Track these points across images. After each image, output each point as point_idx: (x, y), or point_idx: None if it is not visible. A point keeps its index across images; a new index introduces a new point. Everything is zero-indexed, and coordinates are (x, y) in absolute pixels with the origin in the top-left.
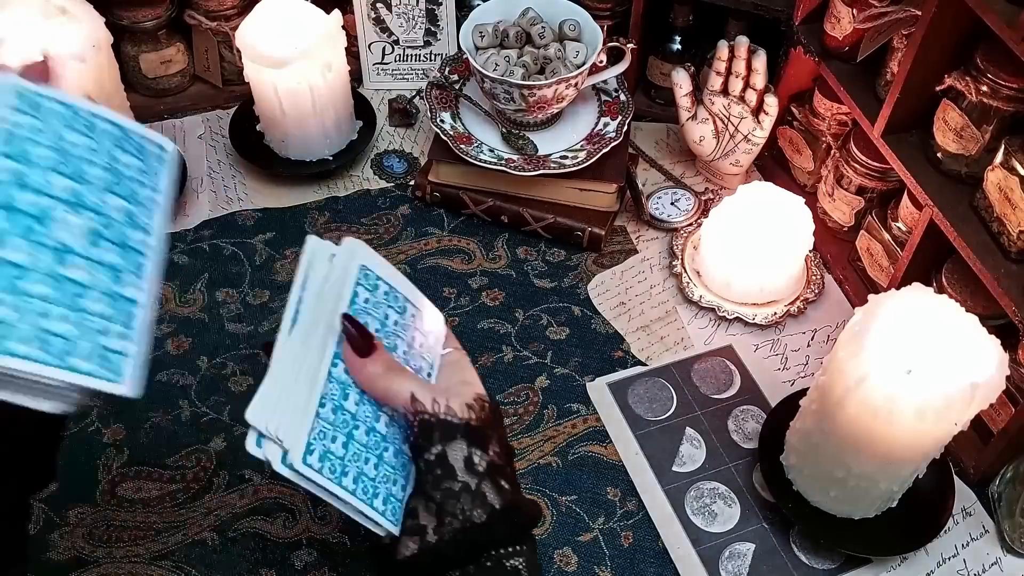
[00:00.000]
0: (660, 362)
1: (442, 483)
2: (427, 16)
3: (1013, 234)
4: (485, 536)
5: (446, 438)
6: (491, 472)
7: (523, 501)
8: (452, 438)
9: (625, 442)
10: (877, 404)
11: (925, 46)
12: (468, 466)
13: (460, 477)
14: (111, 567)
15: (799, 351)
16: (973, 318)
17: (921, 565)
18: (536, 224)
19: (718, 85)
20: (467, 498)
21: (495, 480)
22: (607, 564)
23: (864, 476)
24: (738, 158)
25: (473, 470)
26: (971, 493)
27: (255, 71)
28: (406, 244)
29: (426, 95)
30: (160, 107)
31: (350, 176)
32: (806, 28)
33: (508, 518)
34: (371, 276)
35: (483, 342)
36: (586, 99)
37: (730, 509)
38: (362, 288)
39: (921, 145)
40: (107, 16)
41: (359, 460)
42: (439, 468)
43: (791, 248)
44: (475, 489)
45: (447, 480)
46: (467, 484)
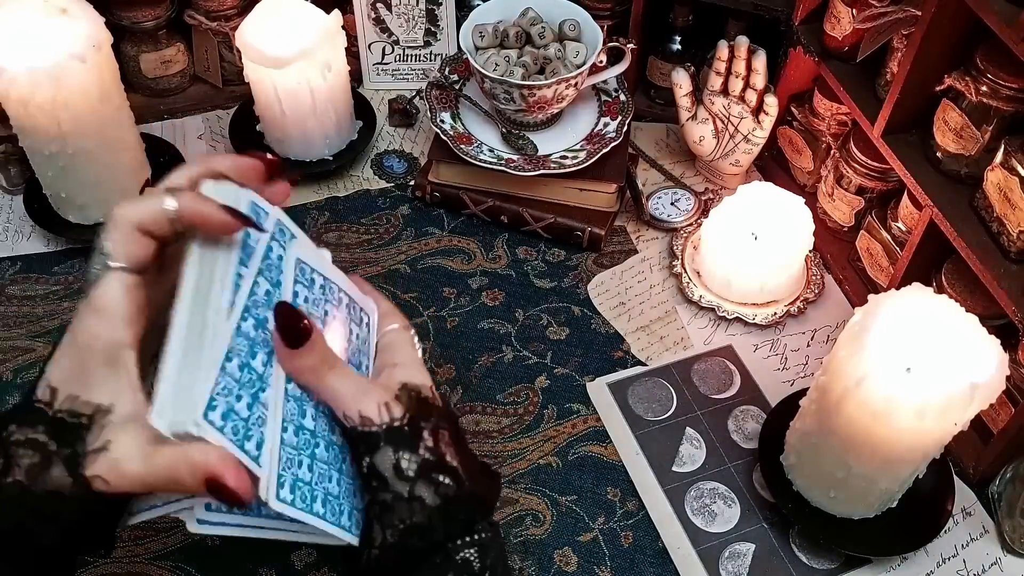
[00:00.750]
0: (660, 362)
1: (378, 494)
2: (427, 16)
3: (1013, 234)
4: (427, 537)
5: (370, 449)
6: (424, 471)
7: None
8: (376, 447)
9: (625, 442)
10: (877, 404)
11: (925, 46)
12: (398, 473)
13: (391, 487)
14: (111, 567)
15: (799, 351)
16: (973, 318)
17: (921, 565)
18: (536, 224)
19: (718, 85)
20: (403, 506)
21: (430, 478)
22: (607, 564)
23: (864, 476)
24: (738, 158)
25: (403, 476)
26: (971, 493)
27: (255, 71)
28: (406, 244)
29: (426, 95)
30: (160, 107)
31: (350, 176)
32: (806, 28)
33: (449, 514)
34: (306, 270)
35: (483, 342)
36: (586, 99)
37: (730, 509)
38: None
39: (921, 145)
40: (107, 16)
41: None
42: (373, 479)
43: (791, 248)
44: (408, 495)
45: (381, 491)
46: (399, 493)
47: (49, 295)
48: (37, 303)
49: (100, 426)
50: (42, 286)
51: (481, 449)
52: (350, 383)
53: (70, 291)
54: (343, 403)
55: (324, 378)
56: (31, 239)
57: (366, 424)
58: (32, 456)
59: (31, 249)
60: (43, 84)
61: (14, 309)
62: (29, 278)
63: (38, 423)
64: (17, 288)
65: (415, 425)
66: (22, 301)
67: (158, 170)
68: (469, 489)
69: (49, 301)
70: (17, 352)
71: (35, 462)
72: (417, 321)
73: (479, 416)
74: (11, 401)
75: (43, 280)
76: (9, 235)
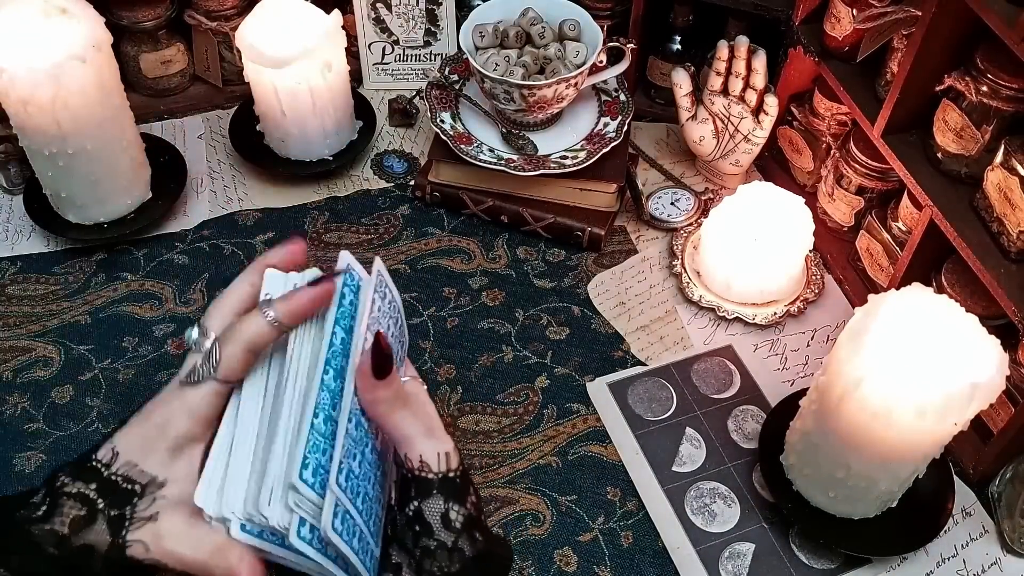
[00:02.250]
0: (660, 362)
1: (420, 540)
2: (427, 16)
3: (1013, 234)
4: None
5: (422, 494)
6: (468, 526)
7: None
8: (428, 494)
9: (625, 442)
10: (877, 404)
11: (925, 46)
12: (445, 523)
13: (437, 535)
14: None
15: (799, 351)
16: (973, 318)
17: (921, 565)
18: (536, 224)
19: (718, 85)
20: (443, 555)
21: (471, 533)
22: (607, 564)
23: (864, 476)
24: (738, 158)
25: (450, 527)
26: (971, 493)
27: (255, 71)
28: (406, 244)
29: (426, 95)
30: (160, 107)
31: (350, 176)
32: (806, 28)
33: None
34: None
35: (483, 342)
36: (586, 99)
37: (730, 509)
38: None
39: (921, 145)
40: (107, 16)
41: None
42: (417, 524)
43: (791, 248)
44: (451, 546)
45: (424, 537)
46: (443, 542)
47: (49, 295)
48: (37, 303)
49: (151, 498)
50: (42, 286)
51: (481, 449)
52: (418, 424)
53: (70, 291)
54: (407, 443)
55: (395, 413)
56: (31, 239)
57: (424, 469)
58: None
59: (31, 249)
60: (43, 84)
61: (14, 309)
62: (29, 278)
63: (92, 480)
64: (17, 288)
65: (466, 480)
66: (22, 301)
67: (158, 170)
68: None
69: (49, 301)
70: (17, 352)
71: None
72: (417, 321)
73: (479, 416)
74: (11, 400)
75: (43, 280)
76: (9, 235)
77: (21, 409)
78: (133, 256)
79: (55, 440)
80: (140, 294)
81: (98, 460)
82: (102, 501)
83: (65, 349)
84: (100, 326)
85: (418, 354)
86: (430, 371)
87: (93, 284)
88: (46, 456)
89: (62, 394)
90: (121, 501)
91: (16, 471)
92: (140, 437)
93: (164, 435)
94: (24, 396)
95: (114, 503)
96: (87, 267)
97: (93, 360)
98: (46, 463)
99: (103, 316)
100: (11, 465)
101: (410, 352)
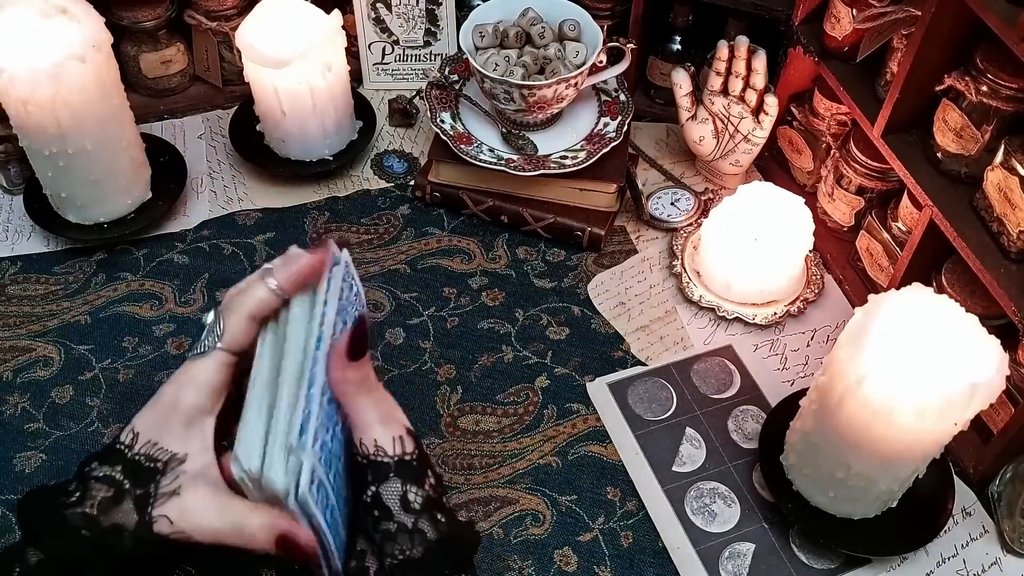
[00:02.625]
0: (660, 362)
1: (380, 524)
2: (427, 16)
3: (1013, 234)
4: (424, 571)
5: (379, 478)
6: (427, 507)
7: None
8: (385, 478)
9: (625, 442)
10: (877, 404)
11: (925, 46)
12: (404, 505)
13: (397, 517)
14: None
15: (799, 351)
16: (973, 318)
17: (921, 565)
18: (536, 224)
19: (718, 85)
20: (404, 537)
21: (432, 514)
22: (607, 564)
23: (864, 476)
24: (738, 158)
25: (409, 508)
26: (971, 493)
27: (255, 71)
28: (406, 244)
29: (426, 95)
30: (160, 107)
31: (350, 176)
32: (806, 28)
33: (446, 550)
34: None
35: (483, 342)
36: (586, 99)
37: (730, 509)
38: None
39: (921, 145)
40: (107, 16)
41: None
42: (376, 509)
43: (791, 248)
44: (412, 527)
45: (384, 521)
46: (403, 524)
47: (49, 295)
48: (37, 303)
49: (174, 474)
50: (42, 286)
51: (481, 449)
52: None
53: (70, 291)
54: (364, 428)
55: (360, 397)
56: (31, 239)
57: (380, 453)
58: (107, 491)
59: (31, 249)
60: (43, 84)
61: (14, 309)
62: (29, 278)
63: (117, 463)
64: (17, 288)
65: (423, 462)
66: (22, 301)
67: (158, 170)
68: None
69: (49, 301)
70: (17, 352)
71: (108, 496)
72: (417, 321)
73: (479, 416)
74: (11, 400)
75: (43, 280)
76: (9, 235)
77: (21, 409)
78: (133, 256)
79: (55, 440)
80: (140, 294)
81: (121, 443)
82: (128, 481)
83: (65, 349)
84: (100, 326)
85: (418, 354)
86: (430, 371)
87: (93, 284)
88: (46, 456)
89: (62, 394)
90: (145, 479)
91: (16, 471)
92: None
93: (176, 410)
94: (24, 396)
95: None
96: (87, 267)
97: (93, 360)
98: (46, 463)
99: (103, 316)
100: (11, 465)
101: (410, 352)
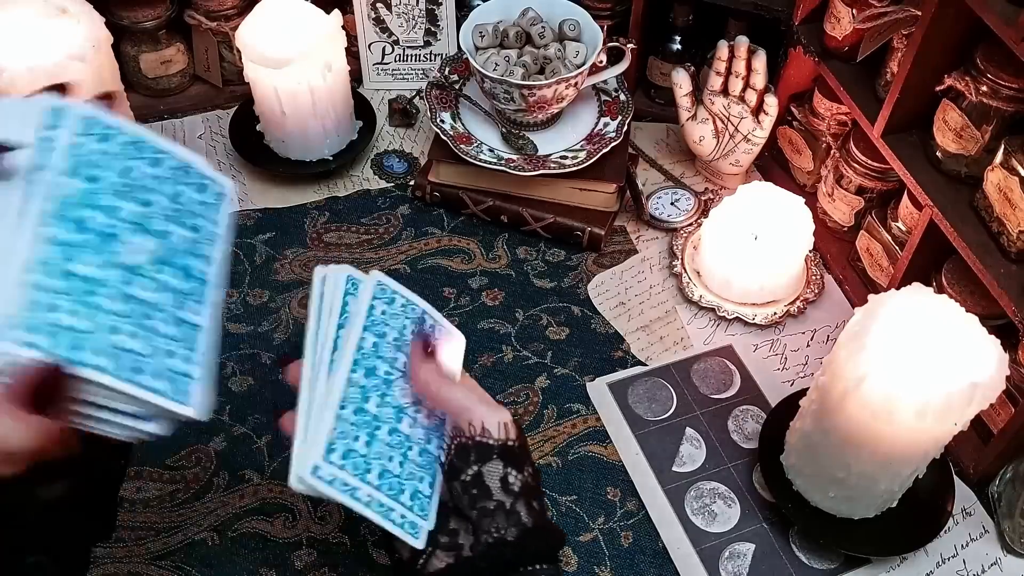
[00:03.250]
0: (660, 362)
1: (478, 502)
2: (427, 16)
3: (1013, 234)
4: (517, 553)
5: (482, 458)
6: (525, 492)
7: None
8: (488, 458)
9: (625, 442)
10: (877, 404)
11: (925, 46)
12: (504, 486)
13: (496, 496)
14: (112, 567)
15: (799, 351)
16: (973, 318)
17: (921, 565)
18: (536, 224)
19: (718, 85)
20: (501, 516)
21: (528, 500)
22: (607, 564)
23: (864, 476)
24: (738, 158)
25: (508, 490)
26: (971, 493)
27: (255, 71)
28: (406, 244)
29: (426, 95)
30: (160, 107)
31: (350, 176)
32: (806, 28)
33: (539, 537)
34: (387, 290)
35: (483, 342)
36: (586, 99)
37: (730, 509)
38: (378, 301)
39: (921, 145)
40: (107, 16)
41: (383, 458)
42: (475, 488)
43: (791, 248)
44: (509, 508)
45: (483, 499)
46: (502, 503)
47: None
48: None
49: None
50: None
51: None
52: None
53: None
54: (467, 412)
55: (447, 388)
56: None
57: (485, 435)
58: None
59: None
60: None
61: None
62: None
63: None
64: None
65: (524, 451)
66: None
67: None
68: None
69: None
70: None
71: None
72: None
73: None
74: None
75: None
76: None
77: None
78: None
79: None
80: None
81: None
82: None
83: None
84: None
85: None
86: None
87: None
88: None
89: None
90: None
91: None
92: None
93: None
94: None
95: None
96: None
97: None
98: None
99: None
100: None
101: None
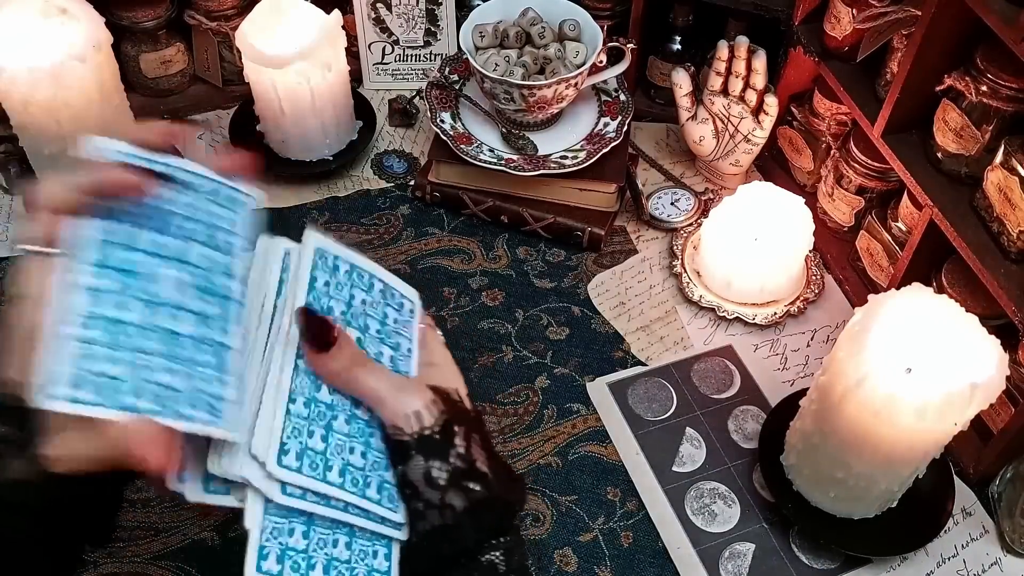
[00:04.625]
0: (660, 362)
1: (410, 502)
2: (427, 16)
3: (1013, 234)
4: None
5: (402, 458)
6: (454, 479)
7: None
8: (407, 457)
9: (625, 442)
10: (877, 404)
11: (925, 46)
12: (428, 482)
13: (423, 495)
14: (111, 567)
15: (799, 351)
16: (973, 318)
17: (921, 565)
18: (536, 224)
19: (718, 85)
20: (434, 513)
21: (461, 485)
22: (607, 564)
23: (864, 476)
24: (738, 158)
25: (434, 484)
26: (971, 493)
27: (255, 71)
28: (406, 244)
29: (426, 95)
30: (160, 107)
31: (350, 176)
32: (806, 28)
33: (478, 518)
34: (328, 258)
35: (483, 342)
36: (586, 99)
37: (730, 509)
38: (320, 272)
39: (921, 145)
40: (107, 16)
41: (343, 451)
42: (406, 488)
43: (791, 248)
44: (439, 503)
45: (413, 500)
46: (430, 500)
47: None
48: None
49: None
50: None
51: None
52: (385, 385)
53: None
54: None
55: (358, 380)
56: None
57: (397, 433)
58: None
59: None
60: (43, 84)
61: None
62: None
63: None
64: None
65: (446, 432)
66: None
67: None
68: (498, 494)
69: None
70: None
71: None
72: None
73: None
74: None
75: None
76: (9, 235)
77: None
78: None
79: None
80: None
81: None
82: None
83: None
84: None
85: None
86: None
87: None
88: None
89: None
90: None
91: None
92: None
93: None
94: None
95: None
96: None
97: None
98: None
99: None
100: None
101: None
